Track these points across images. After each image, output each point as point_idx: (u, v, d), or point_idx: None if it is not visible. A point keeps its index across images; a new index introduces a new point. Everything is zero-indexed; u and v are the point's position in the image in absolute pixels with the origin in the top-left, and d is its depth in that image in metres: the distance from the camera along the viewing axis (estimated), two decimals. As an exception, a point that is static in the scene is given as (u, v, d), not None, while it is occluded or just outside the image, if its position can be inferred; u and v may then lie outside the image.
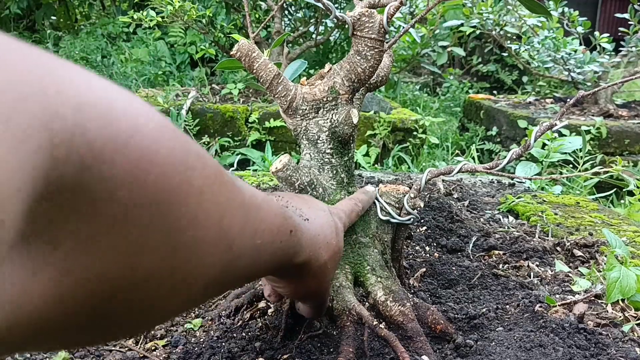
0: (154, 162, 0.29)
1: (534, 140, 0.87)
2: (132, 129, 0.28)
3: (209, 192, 0.35)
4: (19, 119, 0.22)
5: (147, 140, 0.29)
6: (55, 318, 0.28)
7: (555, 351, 0.75)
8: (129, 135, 0.28)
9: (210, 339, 0.79)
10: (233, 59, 0.90)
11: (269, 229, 0.46)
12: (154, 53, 4.92)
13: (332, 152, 0.90)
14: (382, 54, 0.86)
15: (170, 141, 0.31)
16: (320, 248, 0.60)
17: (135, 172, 0.28)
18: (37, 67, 0.25)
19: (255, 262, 0.45)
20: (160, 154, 0.30)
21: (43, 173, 0.23)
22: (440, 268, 1.08)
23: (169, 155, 0.31)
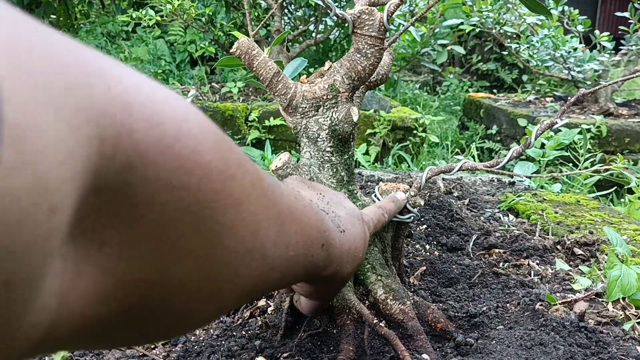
0: (197, 167, 0.29)
1: (534, 138, 0.87)
2: (177, 132, 0.28)
3: (247, 202, 0.34)
4: (69, 108, 0.22)
5: (191, 144, 0.29)
6: (95, 318, 0.28)
7: (556, 350, 0.75)
8: (174, 139, 0.28)
9: (209, 337, 0.79)
10: (233, 56, 0.90)
11: (303, 242, 0.46)
12: (153, 52, 4.92)
13: (332, 150, 0.90)
14: (383, 52, 0.86)
15: (213, 147, 0.31)
16: (347, 262, 0.60)
17: (177, 176, 0.28)
18: (87, 63, 0.25)
19: (286, 274, 0.44)
20: (203, 160, 0.30)
21: (92, 167, 0.23)
22: (440, 266, 1.08)
23: (211, 162, 0.30)
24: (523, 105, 3.72)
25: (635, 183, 0.81)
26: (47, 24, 0.25)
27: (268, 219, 0.38)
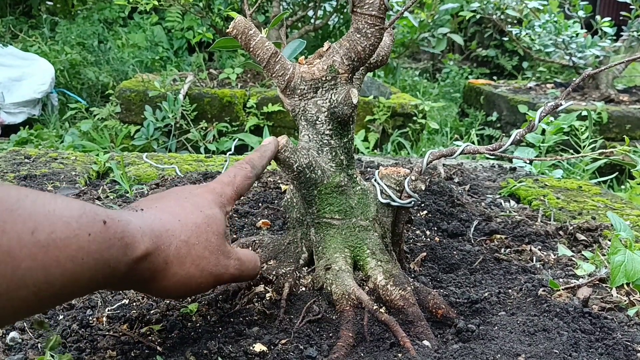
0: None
1: (538, 120, 0.84)
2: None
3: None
4: None
5: None
6: None
7: (559, 335, 0.74)
8: None
9: (207, 324, 0.78)
10: (230, 37, 0.88)
11: (62, 222, 0.44)
12: (151, 38, 4.88)
13: (331, 134, 0.88)
14: (383, 32, 0.84)
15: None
16: (168, 230, 0.56)
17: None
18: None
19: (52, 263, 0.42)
20: None
21: None
22: (441, 252, 1.07)
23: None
24: (523, 91, 3.69)
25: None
26: (44, 10, 0.24)
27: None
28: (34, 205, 0.42)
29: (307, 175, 0.86)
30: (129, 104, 2.87)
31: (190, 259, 0.58)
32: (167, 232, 0.56)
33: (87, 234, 0.46)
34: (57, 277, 0.43)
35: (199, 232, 0.59)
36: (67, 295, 0.47)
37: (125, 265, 0.51)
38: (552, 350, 0.70)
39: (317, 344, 0.75)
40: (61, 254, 0.43)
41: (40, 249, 0.41)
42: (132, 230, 0.51)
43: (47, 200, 0.44)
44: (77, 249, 0.44)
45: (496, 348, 0.71)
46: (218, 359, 0.69)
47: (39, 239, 0.41)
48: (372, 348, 0.77)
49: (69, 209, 0.45)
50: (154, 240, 0.54)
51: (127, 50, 4.72)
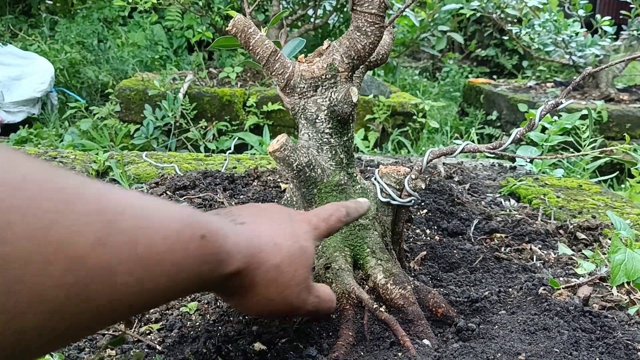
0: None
1: (539, 118, 0.84)
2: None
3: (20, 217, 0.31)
4: None
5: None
6: None
7: (560, 334, 0.73)
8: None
9: (206, 323, 0.77)
10: (229, 36, 0.87)
11: (161, 236, 0.41)
12: (150, 37, 4.87)
13: (331, 132, 0.87)
14: (383, 30, 0.84)
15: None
16: (262, 252, 0.55)
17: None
18: None
19: (147, 277, 0.40)
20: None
21: None
22: (441, 251, 1.07)
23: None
24: (523, 90, 3.69)
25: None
26: (44, 9, 0.23)
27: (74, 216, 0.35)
28: (135, 217, 0.40)
29: (306, 174, 0.86)
30: (129, 103, 2.87)
31: (276, 285, 0.57)
32: (260, 253, 0.55)
33: (183, 250, 0.44)
34: (149, 291, 0.41)
35: (290, 260, 0.58)
36: (153, 306, 0.46)
37: (215, 279, 0.50)
38: (553, 349, 0.70)
39: (316, 343, 0.75)
40: (156, 270, 0.41)
41: (137, 265, 0.39)
42: (228, 247, 0.50)
43: (149, 211, 0.42)
44: (172, 264, 0.43)
45: (496, 347, 0.71)
46: (217, 358, 0.68)
47: (137, 254, 0.39)
48: (372, 347, 0.77)
49: (169, 220, 0.43)
50: (247, 259, 0.53)
51: (126, 49, 4.72)
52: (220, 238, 0.49)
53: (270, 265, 0.56)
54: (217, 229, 0.49)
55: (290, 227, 0.61)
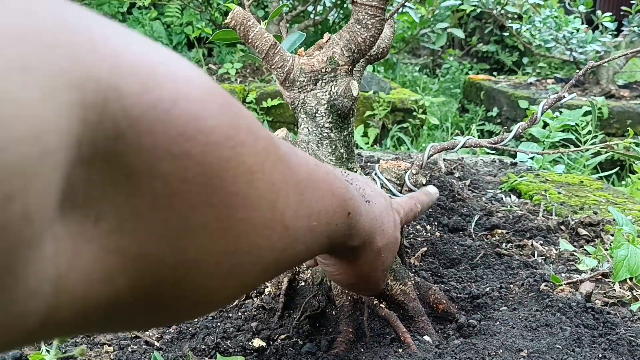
0: (201, 132, 0.27)
1: (541, 113, 0.84)
2: (176, 95, 0.26)
3: (260, 171, 0.32)
4: (45, 70, 0.19)
5: (193, 108, 0.27)
6: (103, 299, 0.26)
7: (562, 331, 0.73)
8: (172, 102, 0.25)
9: (204, 319, 0.77)
10: (229, 29, 0.86)
11: (325, 210, 0.43)
12: (150, 33, 4.86)
13: (331, 127, 0.87)
14: (383, 23, 0.83)
15: (219, 112, 0.28)
16: (375, 233, 0.57)
17: (179, 143, 0.26)
18: (71, 19, 0.22)
19: (310, 246, 0.42)
20: (207, 126, 0.27)
21: (74, 136, 0.21)
22: (441, 247, 1.06)
23: (216, 127, 0.28)
24: (524, 87, 3.68)
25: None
26: None
27: (287, 188, 0.36)
28: (313, 190, 0.41)
29: (306, 168, 0.85)
30: (128, 99, 2.86)
31: (371, 265, 0.60)
32: (373, 235, 0.57)
33: (335, 224, 0.46)
34: (304, 257, 0.45)
35: (387, 247, 0.61)
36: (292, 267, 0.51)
37: (338, 248, 0.53)
38: (555, 345, 0.69)
39: (316, 339, 0.74)
40: (315, 240, 0.43)
41: (308, 234, 0.41)
42: (359, 226, 0.52)
43: (320, 184, 0.43)
44: (326, 237, 0.45)
45: (498, 343, 0.70)
46: (216, 354, 0.68)
47: (310, 225, 0.41)
48: (373, 343, 0.76)
49: (332, 195, 0.45)
50: (365, 239, 0.56)
51: (126, 45, 4.70)
52: (357, 216, 0.51)
53: (376, 247, 0.58)
54: (357, 206, 0.51)
55: (392, 214, 0.63)
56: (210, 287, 0.31)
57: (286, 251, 0.37)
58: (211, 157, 0.28)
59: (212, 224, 0.29)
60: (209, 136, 0.27)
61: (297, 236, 0.38)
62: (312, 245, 0.43)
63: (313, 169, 0.42)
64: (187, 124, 0.26)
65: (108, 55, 0.23)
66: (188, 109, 0.26)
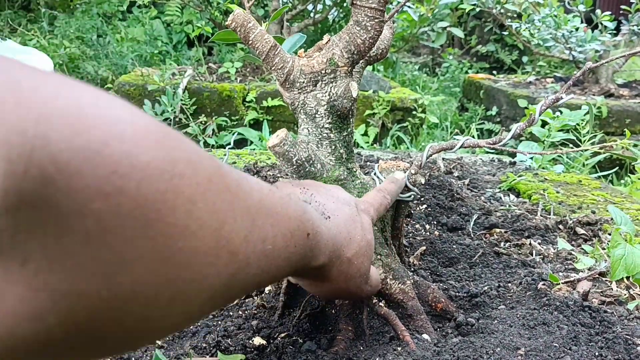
0: (135, 168, 0.27)
1: (539, 113, 0.84)
2: (106, 136, 0.26)
3: (202, 200, 0.32)
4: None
5: (126, 146, 0.27)
6: (32, 337, 0.26)
7: (559, 329, 0.73)
8: (102, 143, 0.26)
9: (205, 318, 0.77)
10: (229, 30, 0.87)
11: (282, 234, 0.44)
12: (150, 32, 4.86)
13: (330, 127, 0.87)
14: (383, 25, 0.83)
15: (154, 147, 0.29)
16: (342, 246, 0.58)
17: (111, 181, 0.26)
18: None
19: (266, 269, 0.42)
20: (142, 160, 0.28)
21: (0, 188, 0.22)
22: (440, 246, 1.07)
23: (150, 162, 0.28)
24: (523, 86, 3.69)
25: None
26: (43, 4, 0.23)
27: (234, 214, 0.36)
28: (268, 215, 0.42)
29: (306, 169, 0.86)
30: (128, 98, 2.87)
31: (344, 275, 0.60)
32: (340, 248, 0.58)
33: (294, 246, 0.46)
34: (261, 281, 0.44)
35: (359, 254, 0.61)
36: (248, 292, 0.52)
37: (302, 270, 0.53)
38: (552, 344, 0.70)
39: (316, 338, 0.75)
40: (274, 263, 0.43)
41: (263, 258, 0.41)
42: (321, 245, 0.53)
43: (276, 208, 0.44)
44: (284, 260, 0.45)
45: (496, 342, 0.71)
46: (217, 352, 0.68)
47: (265, 249, 0.41)
48: (372, 342, 0.77)
49: (289, 218, 0.46)
50: (331, 255, 0.56)
51: (126, 44, 4.71)
52: (317, 236, 0.52)
53: (345, 258, 0.59)
54: (316, 226, 0.52)
55: (359, 220, 0.64)
56: (151, 318, 0.32)
57: (236, 276, 0.37)
58: (146, 191, 0.28)
59: (148, 255, 0.29)
60: (143, 171, 0.28)
61: (249, 261, 0.39)
62: (270, 270, 0.43)
63: (267, 194, 0.43)
64: (119, 162, 0.27)
65: (35, 105, 0.24)
66: (120, 148, 0.27)
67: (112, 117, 0.27)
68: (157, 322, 0.33)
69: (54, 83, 0.26)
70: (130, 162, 0.27)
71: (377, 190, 0.76)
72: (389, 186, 0.78)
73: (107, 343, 0.31)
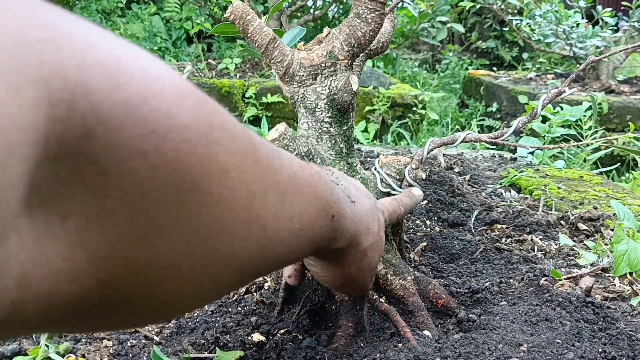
0: (173, 130, 0.27)
1: (541, 107, 0.83)
2: (147, 92, 0.26)
3: (235, 170, 0.31)
4: (8, 66, 0.19)
5: (165, 105, 0.26)
6: (69, 298, 0.25)
7: (562, 325, 0.73)
8: (143, 100, 0.25)
9: (204, 313, 0.77)
10: (228, 23, 0.86)
11: (308, 213, 0.43)
12: (149, 28, 4.85)
13: (330, 121, 0.86)
14: (383, 18, 0.82)
15: (192, 109, 0.28)
16: (361, 234, 0.57)
17: (150, 140, 0.25)
18: (39, 18, 0.22)
19: (292, 248, 0.42)
20: (180, 122, 0.27)
21: (41, 132, 0.21)
22: (441, 242, 1.06)
23: (188, 125, 0.27)
24: (524, 82, 3.68)
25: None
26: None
27: (265, 188, 0.36)
28: (296, 193, 0.41)
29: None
30: (127, 94, 2.86)
31: (357, 265, 0.60)
32: (359, 235, 0.57)
33: (319, 227, 0.46)
34: (287, 260, 0.45)
35: (373, 247, 0.61)
36: (279, 269, 0.52)
37: (323, 250, 0.52)
38: (555, 340, 0.69)
39: (316, 334, 0.74)
40: (298, 241, 0.43)
41: (290, 237, 0.41)
42: (344, 228, 0.52)
43: (304, 187, 0.43)
44: (309, 239, 0.45)
45: (498, 338, 0.70)
46: (215, 348, 0.68)
47: (292, 227, 0.41)
48: (372, 338, 0.76)
49: (316, 198, 0.45)
50: (351, 240, 0.55)
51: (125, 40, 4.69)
52: (342, 218, 0.51)
53: (361, 248, 0.58)
54: (342, 208, 0.51)
55: (377, 214, 0.63)
56: (181, 288, 0.31)
57: (264, 253, 0.37)
58: (183, 155, 0.27)
59: (183, 222, 0.28)
60: (181, 134, 0.27)
61: (278, 238, 0.38)
62: (295, 248, 0.43)
63: (296, 171, 0.42)
64: (159, 122, 0.26)
65: (76, 52, 0.23)
66: (159, 107, 0.26)
67: (152, 73, 0.27)
68: (186, 294, 0.32)
69: (96, 33, 0.25)
70: (168, 122, 0.26)
71: (394, 199, 0.75)
72: (405, 199, 0.77)
73: (139, 311, 0.30)
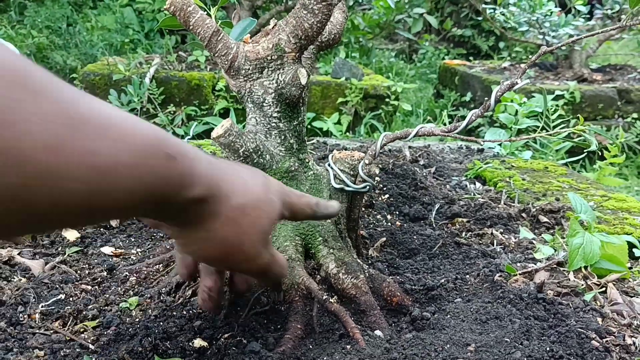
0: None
1: (494, 100, 0.81)
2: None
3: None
4: None
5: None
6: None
7: (511, 323, 0.71)
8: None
9: (146, 319, 0.74)
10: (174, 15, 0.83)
11: (128, 150, 0.41)
12: (120, 20, 4.76)
13: (279, 116, 0.84)
14: (331, 8, 0.79)
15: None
16: (232, 185, 0.54)
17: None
18: None
19: (104, 188, 0.39)
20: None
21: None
22: (401, 237, 1.04)
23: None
24: (498, 72, 3.68)
25: (596, 146, 0.76)
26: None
27: (34, 117, 0.34)
28: (103, 127, 0.39)
29: (254, 160, 0.82)
30: (94, 88, 2.79)
31: (235, 224, 0.55)
32: (226, 185, 0.53)
33: (149, 167, 0.43)
34: (103, 202, 0.41)
35: (256, 205, 0.56)
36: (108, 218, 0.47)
37: (177, 201, 0.48)
38: (503, 339, 0.68)
39: (262, 337, 0.71)
40: (114, 181, 0.40)
41: (96, 175, 0.38)
42: (196, 171, 0.49)
43: (120, 124, 0.41)
44: (134, 179, 0.42)
45: (446, 338, 0.68)
46: (154, 356, 0.65)
47: (98, 164, 0.38)
48: (321, 340, 0.74)
49: (141, 136, 0.42)
50: (212, 188, 0.51)
51: (96, 32, 4.60)
52: (190, 161, 0.48)
53: (236, 202, 0.54)
54: (188, 151, 0.48)
55: (264, 179, 0.60)
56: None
57: (38, 188, 0.35)
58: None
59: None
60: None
61: (63, 174, 0.36)
62: (110, 189, 0.40)
63: (107, 111, 0.41)
64: None
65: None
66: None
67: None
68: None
69: None
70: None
71: (305, 196, 0.68)
72: (321, 200, 0.70)
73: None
